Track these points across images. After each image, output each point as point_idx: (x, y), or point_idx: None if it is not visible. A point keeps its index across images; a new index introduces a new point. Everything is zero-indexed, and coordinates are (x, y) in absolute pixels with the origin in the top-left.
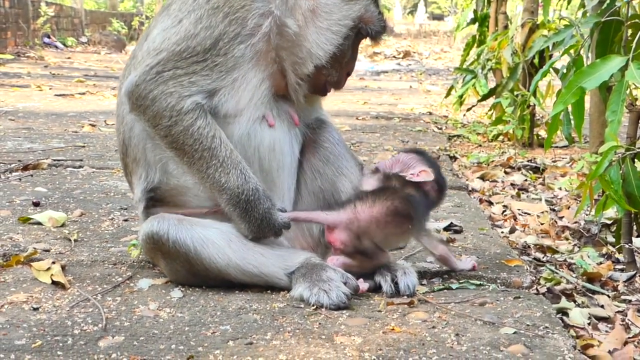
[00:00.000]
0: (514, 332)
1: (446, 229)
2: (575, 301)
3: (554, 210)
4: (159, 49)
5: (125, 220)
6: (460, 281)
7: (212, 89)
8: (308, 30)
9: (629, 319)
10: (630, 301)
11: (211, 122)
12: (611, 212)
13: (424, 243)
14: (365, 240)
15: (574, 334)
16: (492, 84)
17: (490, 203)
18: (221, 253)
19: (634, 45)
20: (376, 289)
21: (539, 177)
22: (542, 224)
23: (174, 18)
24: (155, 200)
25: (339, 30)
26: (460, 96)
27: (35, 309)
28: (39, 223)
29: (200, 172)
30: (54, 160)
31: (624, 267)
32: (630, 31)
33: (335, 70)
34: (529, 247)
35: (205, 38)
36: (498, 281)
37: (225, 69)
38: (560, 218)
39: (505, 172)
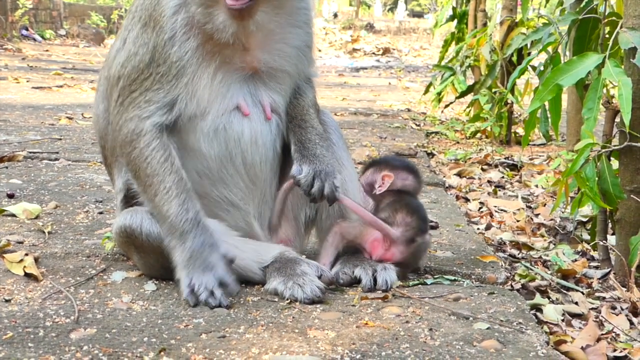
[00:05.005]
0: (488, 328)
1: None
2: (549, 297)
3: (530, 207)
4: (115, 76)
5: (100, 213)
6: (435, 276)
7: (170, 101)
8: None
9: (602, 316)
10: (604, 298)
11: (166, 146)
12: (587, 210)
13: None
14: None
15: (548, 330)
16: (470, 81)
17: (467, 200)
18: None
19: (610, 42)
20: (352, 283)
21: (515, 175)
22: (518, 220)
23: (122, 38)
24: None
25: None
26: (439, 93)
27: (7, 301)
28: (13, 215)
29: (150, 201)
30: (30, 152)
31: (599, 264)
32: (607, 29)
33: None
34: (504, 243)
35: (144, 54)
36: (473, 277)
37: (172, 77)
38: (536, 215)
39: (482, 169)
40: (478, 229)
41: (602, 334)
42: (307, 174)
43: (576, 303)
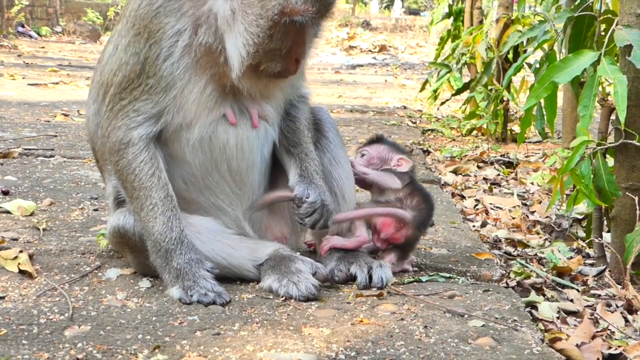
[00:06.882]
0: (483, 325)
1: None
2: (544, 295)
3: (525, 204)
4: (106, 82)
5: (95, 209)
6: (430, 274)
7: (157, 112)
8: (229, 34)
9: (597, 314)
10: (599, 296)
11: (154, 158)
12: (582, 207)
13: None
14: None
15: (543, 328)
16: (466, 79)
17: (463, 197)
18: None
19: (606, 40)
20: (347, 280)
21: (511, 172)
22: (513, 218)
23: (114, 44)
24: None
25: (257, 30)
26: (435, 90)
27: (1, 298)
28: (8, 212)
29: (136, 214)
30: (25, 149)
31: (594, 261)
32: (602, 26)
33: (276, 61)
34: (499, 241)
35: (135, 64)
36: (468, 274)
37: (160, 89)
38: (532, 212)
39: (478, 167)
40: (473, 226)
41: (597, 332)
42: (313, 201)
43: (571, 300)
